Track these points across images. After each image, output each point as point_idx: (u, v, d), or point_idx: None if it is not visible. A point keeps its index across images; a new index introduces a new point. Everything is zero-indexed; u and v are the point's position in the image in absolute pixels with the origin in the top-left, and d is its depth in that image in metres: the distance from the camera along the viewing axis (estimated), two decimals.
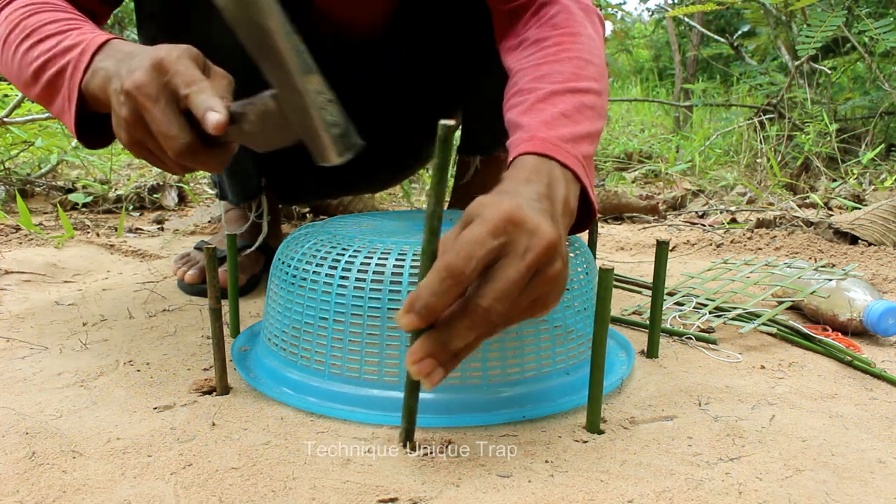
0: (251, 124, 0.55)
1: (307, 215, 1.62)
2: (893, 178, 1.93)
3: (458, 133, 1.26)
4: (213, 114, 0.54)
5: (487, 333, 0.49)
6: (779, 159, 2.22)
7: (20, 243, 1.32)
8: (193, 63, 0.57)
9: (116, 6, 0.83)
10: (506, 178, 0.58)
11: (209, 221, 1.58)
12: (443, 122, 0.48)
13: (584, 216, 0.66)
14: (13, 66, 0.71)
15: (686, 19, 3.77)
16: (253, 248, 1.05)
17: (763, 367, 0.75)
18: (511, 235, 0.49)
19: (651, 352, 0.78)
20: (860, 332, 0.84)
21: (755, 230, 1.51)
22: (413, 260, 0.61)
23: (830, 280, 0.91)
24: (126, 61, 0.59)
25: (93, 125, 0.69)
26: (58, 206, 1.54)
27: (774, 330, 0.85)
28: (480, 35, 0.96)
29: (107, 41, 0.64)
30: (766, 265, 1.05)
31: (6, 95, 1.99)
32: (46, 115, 1.76)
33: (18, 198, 1.40)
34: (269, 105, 0.53)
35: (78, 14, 0.72)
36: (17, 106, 1.72)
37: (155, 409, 0.62)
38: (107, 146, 0.72)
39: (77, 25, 0.69)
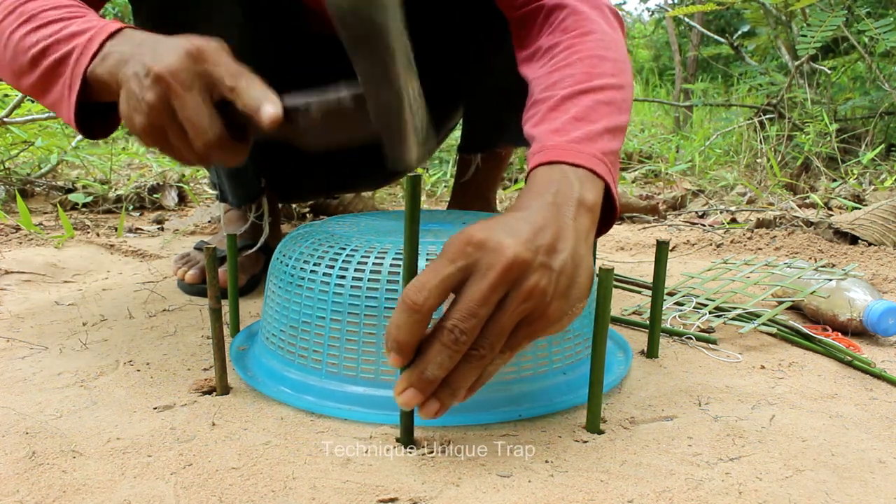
0: (310, 120, 0.52)
1: (307, 215, 1.62)
2: (893, 178, 1.93)
3: (457, 132, 1.26)
4: (270, 107, 0.51)
5: (474, 360, 0.49)
6: (779, 159, 2.22)
7: (20, 243, 1.31)
8: (231, 56, 0.55)
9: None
10: (518, 195, 0.58)
11: (209, 221, 1.58)
12: (410, 174, 0.49)
13: (608, 215, 0.64)
14: (5, 54, 0.66)
15: (686, 19, 3.77)
16: (254, 249, 1.05)
17: (763, 367, 0.75)
18: (472, 257, 0.49)
19: (651, 352, 0.78)
20: (860, 332, 0.84)
21: (755, 230, 1.51)
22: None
23: (830, 280, 0.91)
24: (148, 46, 0.56)
25: (90, 116, 0.65)
26: (58, 206, 1.54)
27: (774, 330, 0.85)
28: (480, 32, 0.96)
29: (120, 29, 0.61)
30: (766, 265, 1.05)
31: (6, 95, 1.99)
32: (46, 115, 1.76)
33: (18, 198, 1.40)
34: (344, 102, 0.51)
35: (79, 1, 0.68)
36: (17, 106, 1.72)
37: (155, 409, 0.62)
38: (106, 136, 0.68)
39: (81, 13, 0.65)
